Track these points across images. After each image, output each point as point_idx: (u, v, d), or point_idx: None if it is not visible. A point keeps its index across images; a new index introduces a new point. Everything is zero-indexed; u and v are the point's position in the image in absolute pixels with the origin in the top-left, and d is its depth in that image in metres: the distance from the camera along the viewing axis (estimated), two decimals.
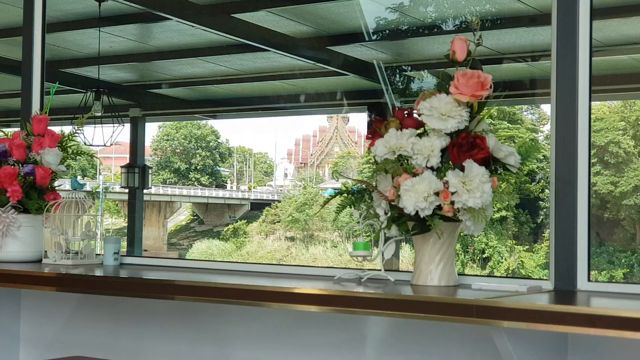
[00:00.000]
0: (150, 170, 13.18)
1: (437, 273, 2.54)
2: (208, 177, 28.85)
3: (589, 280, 2.57)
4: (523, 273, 18.09)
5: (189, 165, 28.58)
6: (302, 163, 29.30)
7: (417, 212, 2.44)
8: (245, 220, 25.76)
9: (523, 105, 19.81)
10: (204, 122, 27.81)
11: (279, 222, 24.46)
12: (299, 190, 26.24)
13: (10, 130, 3.59)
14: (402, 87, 11.83)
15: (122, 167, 12.94)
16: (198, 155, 28.58)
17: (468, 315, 2.20)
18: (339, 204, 2.73)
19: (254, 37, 8.77)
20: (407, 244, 13.56)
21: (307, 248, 23.08)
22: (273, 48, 9.26)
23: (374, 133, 2.61)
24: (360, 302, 2.40)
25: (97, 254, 3.41)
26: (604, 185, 18.21)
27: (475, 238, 18.26)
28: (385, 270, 2.70)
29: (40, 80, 3.77)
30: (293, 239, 23.86)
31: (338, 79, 11.06)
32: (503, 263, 18.82)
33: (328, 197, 2.82)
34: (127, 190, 13.80)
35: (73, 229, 3.34)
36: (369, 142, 2.62)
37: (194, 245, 25.66)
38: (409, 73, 11.90)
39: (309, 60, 9.83)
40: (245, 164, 30.48)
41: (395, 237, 2.63)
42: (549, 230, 2.65)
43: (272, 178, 30.53)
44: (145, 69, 11.32)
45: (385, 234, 2.64)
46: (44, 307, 3.59)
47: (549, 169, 2.67)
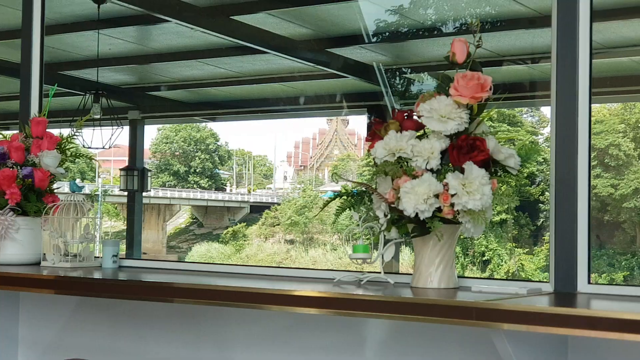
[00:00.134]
0: (150, 173, 13.16)
1: (436, 275, 2.53)
2: (207, 179, 28.84)
3: (589, 283, 2.57)
4: (523, 276, 18.07)
5: (188, 168, 28.57)
6: (301, 166, 29.29)
7: (416, 214, 2.43)
8: (245, 223, 25.75)
9: (523, 108, 19.81)
10: (204, 124, 27.81)
11: (279, 224, 24.45)
12: (299, 193, 26.22)
13: (9, 133, 3.58)
14: (402, 89, 11.81)
15: (121, 169, 12.91)
16: (197, 158, 28.57)
17: (468, 318, 2.20)
18: (339, 207, 2.72)
19: (254, 39, 8.76)
20: (407, 247, 13.54)
21: (306, 251, 23.07)
22: (272, 50, 9.25)
23: (374, 135, 2.61)
24: (360, 304, 2.39)
25: (95, 257, 3.40)
26: (604, 188, 18.20)
27: (475, 241, 18.25)
28: (385, 273, 2.69)
29: (39, 83, 3.76)
30: (292, 242, 23.85)
31: (338, 82, 11.04)
32: (503, 266, 18.81)
33: (327, 199, 2.82)
34: (126, 193, 13.77)
35: (72, 232, 3.33)
36: (369, 144, 2.61)
37: (194, 248, 25.65)
38: (409, 75, 11.88)
39: (309, 63, 9.83)
40: (245, 167, 30.48)
41: (395, 239, 2.62)
42: (549, 233, 2.65)
43: (271, 181, 30.52)
44: (145, 72, 11.31)
45: (385, 237, 2.64)
46: (43, 309, 3.58)
47: (549, 172, 2.67)
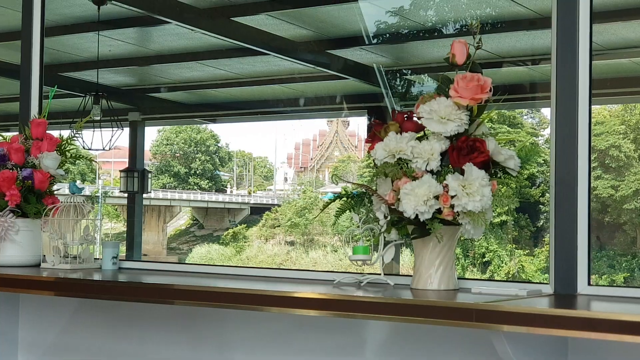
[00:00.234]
0: (150, 175, 13.16)
1: (436, 277, 2.53)
2: (208, 181, 28.85)
3: (590, 284, 2.56)
4: (523, 277, 18.07)
5: (189, 170, 28.58)
6: (302, 167, 29.29)
7: (416, 215, 2.43)
8: (245, 225, 25.75)
9: (523, 109, 19.82)
10: (204, 126, 27.82)
11: (279, 226, 24.45)
12: (299, 195, 26.22)
13: (9, 134, 3.58)
14: (402, 90, 11.81)
15: (121, 171, 12.92)
16: (198, 160, 28.58)
17: (468, 320, 2.19)
18: (339, 208, 2.72)
19: (254, 40, 8.76)
20: (407, 248, 13.54)
21: (307, 252, 23.07)
22: (273, 52, 9.25)
23: (374, 137, 2.61)
24: (360, 306, 2.39)
25: (95, 258, 3.40)
26: (605, 189, 18.21)
27: (476, 242, 18.24)
28: (385, 275, 2.69)
29: (39, 84, 3.76)
30: (293, 243, 23.85)
31: (338, 83, 11.05)
32: (503, 267, 18.81)
33: (328, 201, 2.81)
34: (126, 195, 13.78)
35: (72, 233, 3.33)
36: (369, 145, 2.61)
37: (194, 250, 25.66)
38: (409, 77, 11.88)
39: (309, 64, 9.83)
40: (245, 168, 30.48)
41: (395, 241, 2.62)
42: (549, 234, 2.65)
43: (272, 182, 30.52)
44: (145, 73, 11.31)
45: (385, 238, 2.64)
46: (42, 311, 3.58)
47: (549, 173, 2.67)
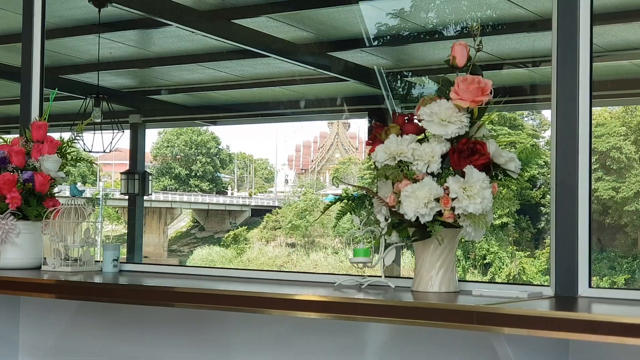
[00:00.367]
0: (151, 177, 13.17)
1: (437, 279, 2.53)
2: (208, 183, 28.83)
3: (590, 286, 2.56)
4: (524, 279, 18.06)
5: (190, 172, 28.56)
6: (302, 169, 29.27)
7: (417, 218, 2.43)
8: (246, 227, 25.73)
9: (524, 111, 19.80)
10: (205, 128, 27.80)
11: (280, 228, 24.44)
12: (300, 197, 26.21)
13: (10, 137, 3.58)
14: (402, 92, 11.81)
15: (122, 173, 12.91)
16: (198, 162, 28.56)
17: (469, 322, 2.19)
18: (340, 210, 2.72)
19: (254, 43, 8.77)
20: (407, 250, 13.54)
21: (307, 254, 23.06)
22: (273, 54, 9.26)
23: (374, 139, 2.61)
24: (361, 308, 2.39)
25: (96, 261, 3.40)
26: (606, 191, 18.19)
27: (477, 244, 18.24)
28: (386, 277, 2.69)
29: (40, 87, 3.76)
30: (294, 246, 23.83)
31: (338, 85, 11.04)
32: (504, 269, 18.79)
33: (328, 203, 2.81)
34: (127, 197, 13.78)
35: (72, 236, 3.33)
36: (370, 148, 2.61)
37: (195, 252, 25.63)
38: (410, 79, 11.88)
39: (310, 66, 9.83)
40: (246, 170, 30.47)
41: (396, 243, 2.62)
42: (550, 236, 2.64)
43: (272, 184, 30.51)
44: (145, 75, 11.31)
45: (386, 240, 2.64)
46: (43, 314, 3.57)
47: (550, 175, 2.66)
